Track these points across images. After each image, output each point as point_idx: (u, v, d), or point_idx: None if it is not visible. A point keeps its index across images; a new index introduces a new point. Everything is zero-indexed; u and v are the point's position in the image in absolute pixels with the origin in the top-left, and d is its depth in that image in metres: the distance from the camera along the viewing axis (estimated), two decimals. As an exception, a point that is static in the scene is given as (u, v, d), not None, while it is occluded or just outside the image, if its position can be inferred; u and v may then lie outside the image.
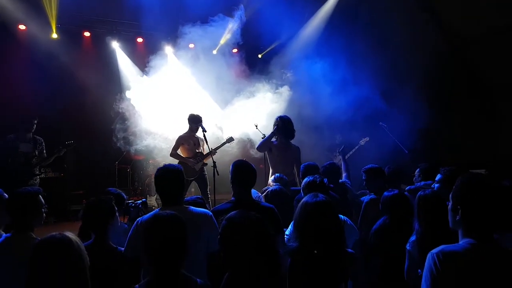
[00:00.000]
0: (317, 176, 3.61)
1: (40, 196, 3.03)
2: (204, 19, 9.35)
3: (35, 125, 6.88)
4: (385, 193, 3.57)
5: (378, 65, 8.73)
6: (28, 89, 8.89)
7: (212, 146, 7.44)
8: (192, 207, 3.02)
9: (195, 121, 7.31)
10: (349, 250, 2.66)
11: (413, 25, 8.69)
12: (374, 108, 8.83)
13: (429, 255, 1.90)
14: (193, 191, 9.38)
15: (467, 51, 8.59)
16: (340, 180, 4.91)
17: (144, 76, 9.89)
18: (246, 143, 9.02)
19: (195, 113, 7.47)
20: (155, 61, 9.67)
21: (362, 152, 8.48)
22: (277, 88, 9.36)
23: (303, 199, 2.64)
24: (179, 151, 7.48)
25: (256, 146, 6.39)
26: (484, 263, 1.85)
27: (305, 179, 3.65)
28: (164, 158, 8.65)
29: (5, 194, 3.16)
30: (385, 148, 7.79)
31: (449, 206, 2.05)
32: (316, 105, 9.50)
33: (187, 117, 7.47)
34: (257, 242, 2.17)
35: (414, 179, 4.98)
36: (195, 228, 2.68)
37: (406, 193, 3.85)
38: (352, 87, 9.08)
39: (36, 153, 6.87)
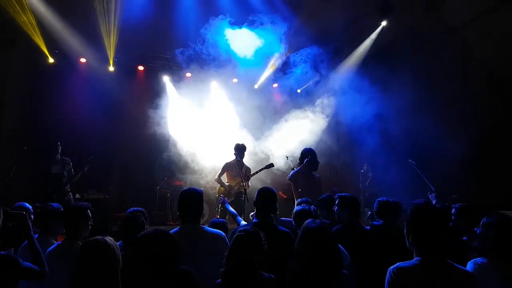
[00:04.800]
0: (305, 205, 3.95)
1: (88, 210, 3.53)
2: (247, 54, 9.94)
3: (60, 147, 7.65)
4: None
5: (413, 103, 8.90)
6: (82, 116, 9.73)
7: (253, 170, 8.04)
8: (207, 227, 3.46)
9: (238, 150, 7.91)
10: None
11: (449, 64, 8.85)
12: (407, 144, 8.96)
13: (388, 271, 2.41)
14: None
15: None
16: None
17: (190, 108, 10.60)
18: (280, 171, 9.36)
19: (240, 142, 8.11)
20: (201, 95, 10.43)
21: (390, 188, 8.62)
22: (313, 119, 9.75)
23: (305, 223, 2.93)
24: (224, 176, 8.02)
25: (288, 175, 6.72)
26: (429, 275, 2.32)
27: (295, 209, 4.00)
28: (200, 185, 9.23)
29: (61, 207, 3.70)
30: (414, 185, 7.86)
31: (405, 231, 2.54)
32: (349, 137, 9.84)
33: (234, 146, 8.04)
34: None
35: None
36: (206, 245, 3.14)
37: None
38: (385, 123, 9.33)
39: (65, 173, 7.58)
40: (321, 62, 9.91)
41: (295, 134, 9.62)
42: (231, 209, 5.34)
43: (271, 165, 8.11)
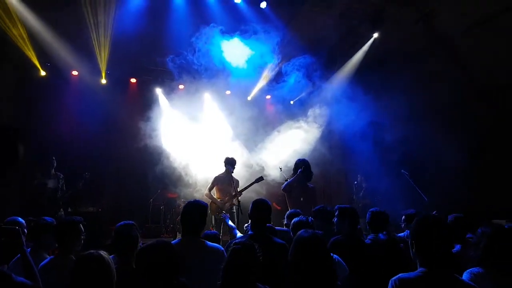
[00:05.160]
0: (302, 217, 3.98)
1: (80, 224, 3.49)
2: (240, 67, 9.95)
3: (55, 161, 7.74)
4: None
5: (406, 112, 8.97)
6: (74, 129, 9.68)
7: (243, 184, 7.95)
8: (207, 241, 3.42)
9: (229, 163, 7.86)
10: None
11: (437, 72, 8.99)
12: (399, 152, 9.00)
13: (390, 282, 2.35)
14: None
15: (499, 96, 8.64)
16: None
17: (183, 120, 10.60)
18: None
19: (230, 155, 8.06)
20: (194, 108, 10.43)
21: (383, 198, 8.66)
22: (307, 129, 9.77)
23: (298, 233, 2.90)
24: (214, 190, 7.91)
25: (282, 186, 6.72)
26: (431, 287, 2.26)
27: (293, 220, 4.00)
28: (195, 197, 9.14)
29: (53, 221, 3.65)
30: (407, 195, 7.88)
31: (409, 242, 2.49)
32: (343, 146, 9.86)
33: (224, 160, 8.00)
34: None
35: (402, 226, 5.05)
36: (205, 259, 3.12)
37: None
38: (379, 132, 9.42)
39: (59, 186, 7.62)
40: (314, 72, 9.95)
41: (289, 144, 9.61)
42: (230, 223, 5.35)
43: (261, 178, 8.05)
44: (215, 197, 7.95)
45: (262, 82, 11.23)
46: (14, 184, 7.73)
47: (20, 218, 3.88)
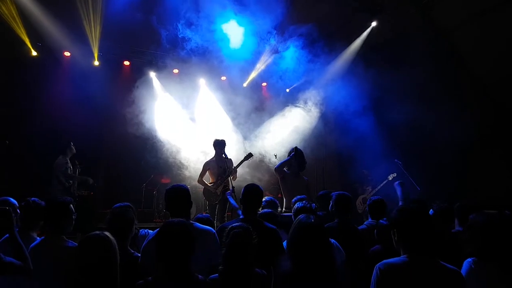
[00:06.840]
0: (306, 202, 3.96)
1: (71, 205, 3.41)
2: (236, 52, 9.80)
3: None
4: (381, 222, 3.93)
5: (404, 99, 8.91)
6: (66, 112, 9.39)
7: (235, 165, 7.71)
8: (197, 223, 3.37)
9: (218, 145, 7.65)
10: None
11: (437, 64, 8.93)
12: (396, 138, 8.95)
13: (375, 267, 2.38)
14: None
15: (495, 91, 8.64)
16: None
17: (177, 105, 10.49)
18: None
19: (219, 138, 7.81)
20: (188, 93, 10.34)
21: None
22: (303, 117, 9.69)
23: (298, 218, 2.85)
24: (208, 176, 7.76)
25: (275, 166, 6.72)
26: (417, 272, 2.33)
27: (296, 205, 3.97)
28: (188, 182, 9.10)
29: (42, 202, 3.56)
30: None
31: (391, 231, 2.54)
32: (340, 135, 9.82)
33: (212, 142, 7.79)
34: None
35: None
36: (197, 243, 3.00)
37: None
38: (376, 119, 9.37)
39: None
40: (311, 59, 9.83)
41: (288, 131, 9.58)
42: (234, 202, 5.29)
43: (250, 155, 7.89)
44: (209, 182, 7.77)
45: (258, 69, 11.07)
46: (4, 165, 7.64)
47: (12, 199, 3.81)
